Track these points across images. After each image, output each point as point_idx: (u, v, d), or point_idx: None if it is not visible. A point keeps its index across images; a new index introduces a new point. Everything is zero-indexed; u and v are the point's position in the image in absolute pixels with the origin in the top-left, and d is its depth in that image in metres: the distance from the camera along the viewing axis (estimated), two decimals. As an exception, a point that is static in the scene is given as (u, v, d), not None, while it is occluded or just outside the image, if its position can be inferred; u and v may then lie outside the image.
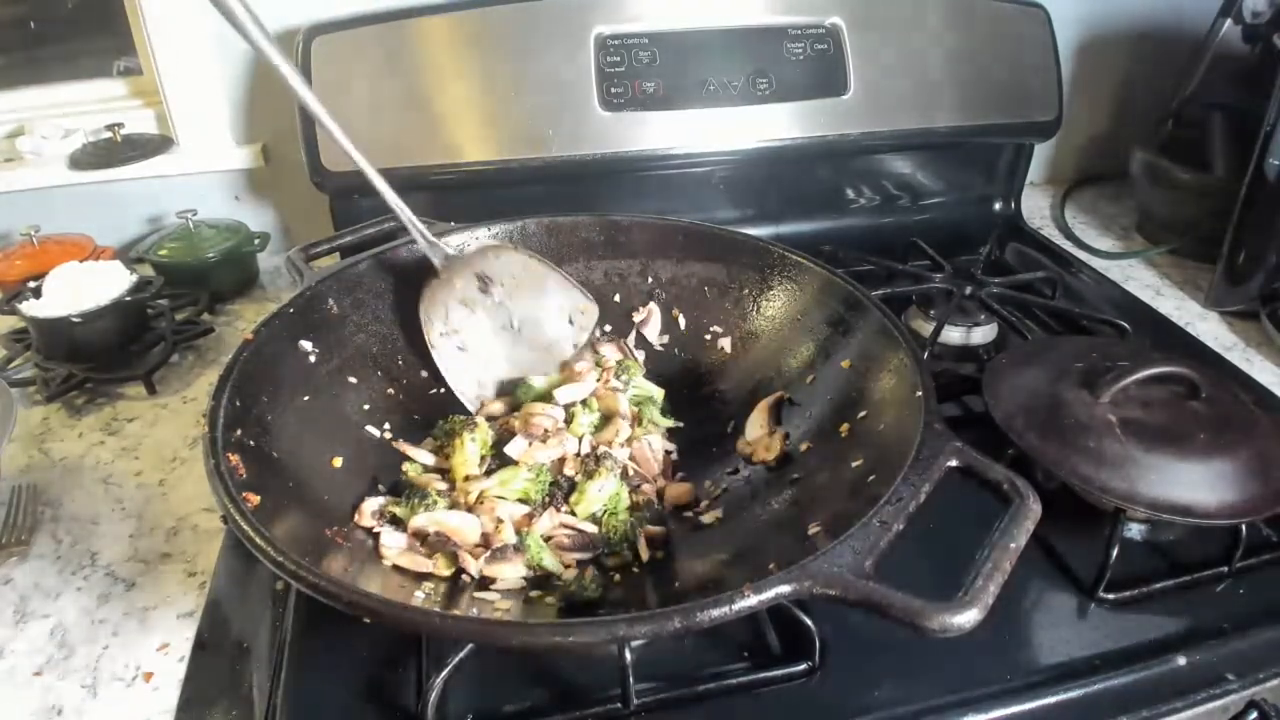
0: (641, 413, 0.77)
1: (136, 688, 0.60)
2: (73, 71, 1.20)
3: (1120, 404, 0.69)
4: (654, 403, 0.79)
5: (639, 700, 0.56)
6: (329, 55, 0.99)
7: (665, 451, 0.76)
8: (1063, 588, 0.65)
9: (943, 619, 0.45)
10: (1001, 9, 1.15)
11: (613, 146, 1.04)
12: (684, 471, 0.75)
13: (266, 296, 1.14)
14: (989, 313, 0.96)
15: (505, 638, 0.49)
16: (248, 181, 1.21)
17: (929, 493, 0.53)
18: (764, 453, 0.73)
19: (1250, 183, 1.00)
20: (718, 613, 0.46)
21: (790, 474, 0.69)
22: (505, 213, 0.86)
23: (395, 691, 0.57)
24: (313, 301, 0.73)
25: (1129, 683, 0.58)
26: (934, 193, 1.27)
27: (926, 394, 0.61)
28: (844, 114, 1.09)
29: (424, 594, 0.56)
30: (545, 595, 0.60)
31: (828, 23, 1.08)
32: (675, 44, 1.04)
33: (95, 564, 0.70)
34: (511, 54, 1.01)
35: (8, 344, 0.97)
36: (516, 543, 0.61)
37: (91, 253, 1.07)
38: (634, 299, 0.88)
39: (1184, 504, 0.63)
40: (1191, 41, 1.24)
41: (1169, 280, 1.15)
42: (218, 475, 0.53)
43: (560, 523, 0.65)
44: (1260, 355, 0.98)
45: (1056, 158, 1.44)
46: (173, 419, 0.88)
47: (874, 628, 0.48)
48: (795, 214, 1.22)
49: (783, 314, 0.82)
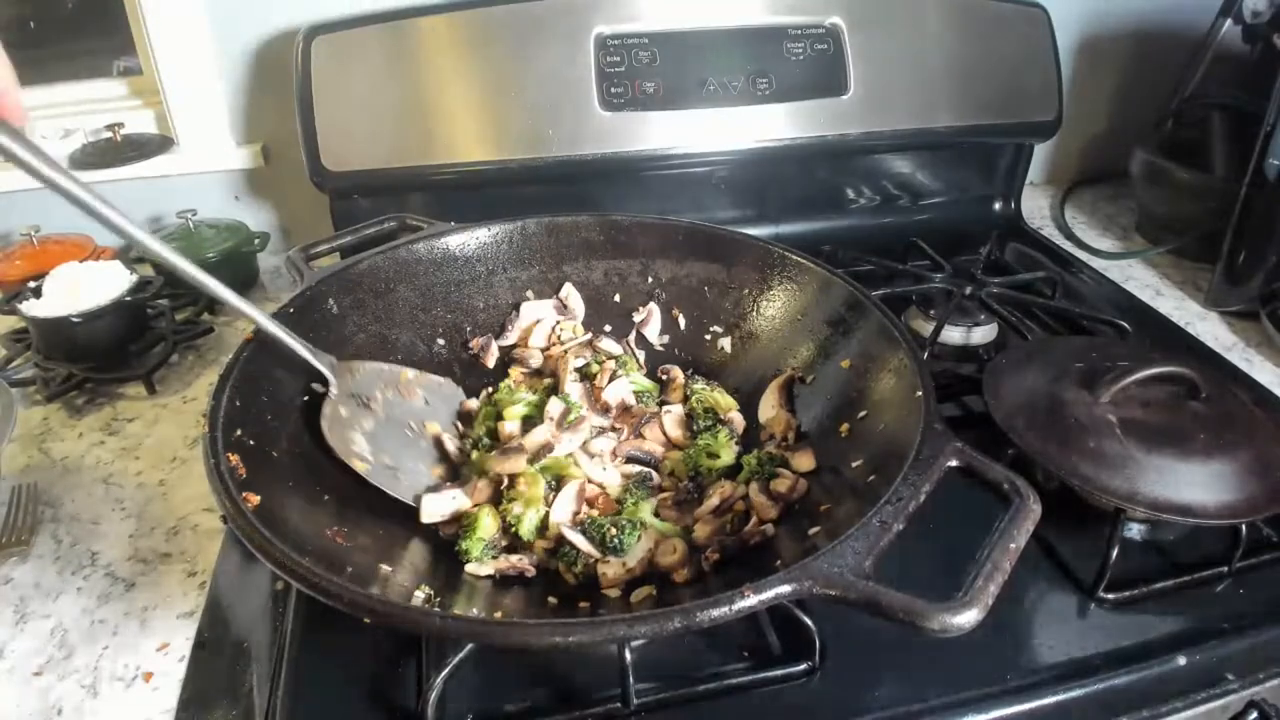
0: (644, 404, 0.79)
1: (136, 688, 0.60)
2: (73, 71, 1.20)
3: (1120, 404, 0.69)
4: (653, 396, 0.80)
5: (639, 700, 0.56)
6: (329, 55, 0.99)
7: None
8: (1063, 588, 0.65)
9: (943, 619, 0.45)
10: (1001, 9, 1.15)
11: (613, 146, 1.04)
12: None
13: (266, 296, 1.14)
14: (989, 313, 0.96)
15: (505, 638, 0.49)
16: (248, 181, 1.21)
17: (929, 493, 0.53)
18: (778, 429, 0.74)
19: (1250, 183, 1.00)
20: (718, 613, 0.46)
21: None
22: (505, 213, 0.86)
23: (395, 691, 0.57)
24: (313, 301, 0.73)
25: (1129, 683, 0.58)
26: (934, 193, 1.27)
27: (926, 394, 0.61)
28: (844, 114, 1.09)
29: (424, 594, 0.56)
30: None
31: (828, 23, 1.08)
32: (675, 44, 1.04)
33: (95, 564, 0.70)
34: (511, 54, 1.01)
35: (8, 344, 0.97)
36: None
37: (91, 253, 1.07)
38: (634, 299, 0.88)
39: (1184, 504, 0.63)
40: (1191, 41, 1.24)
41: (1169, 280, 1.15)
42: (218, 475, 0.53)
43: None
44: (1260, 355, 0.98)
45: (1056, 158, 1.44)
46: (173, 419, 0.88)
47: (874, 628, 0.47)
48: (795, 214, 1.22)
49: (783, 314, 0.82)
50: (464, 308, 0.84)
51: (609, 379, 0.78)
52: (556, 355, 0.83)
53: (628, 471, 0.72)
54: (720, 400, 0.78)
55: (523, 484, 0.67)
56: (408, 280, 0.80)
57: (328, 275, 0.76)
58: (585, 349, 0.84)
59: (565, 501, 0.67)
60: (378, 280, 0.79)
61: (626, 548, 0.63)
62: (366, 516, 0.63)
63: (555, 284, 0.87)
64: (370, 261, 0.79)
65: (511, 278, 0.86)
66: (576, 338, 0.85)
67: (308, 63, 0.99)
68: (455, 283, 0.83)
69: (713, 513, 0.68)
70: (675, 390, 0.81)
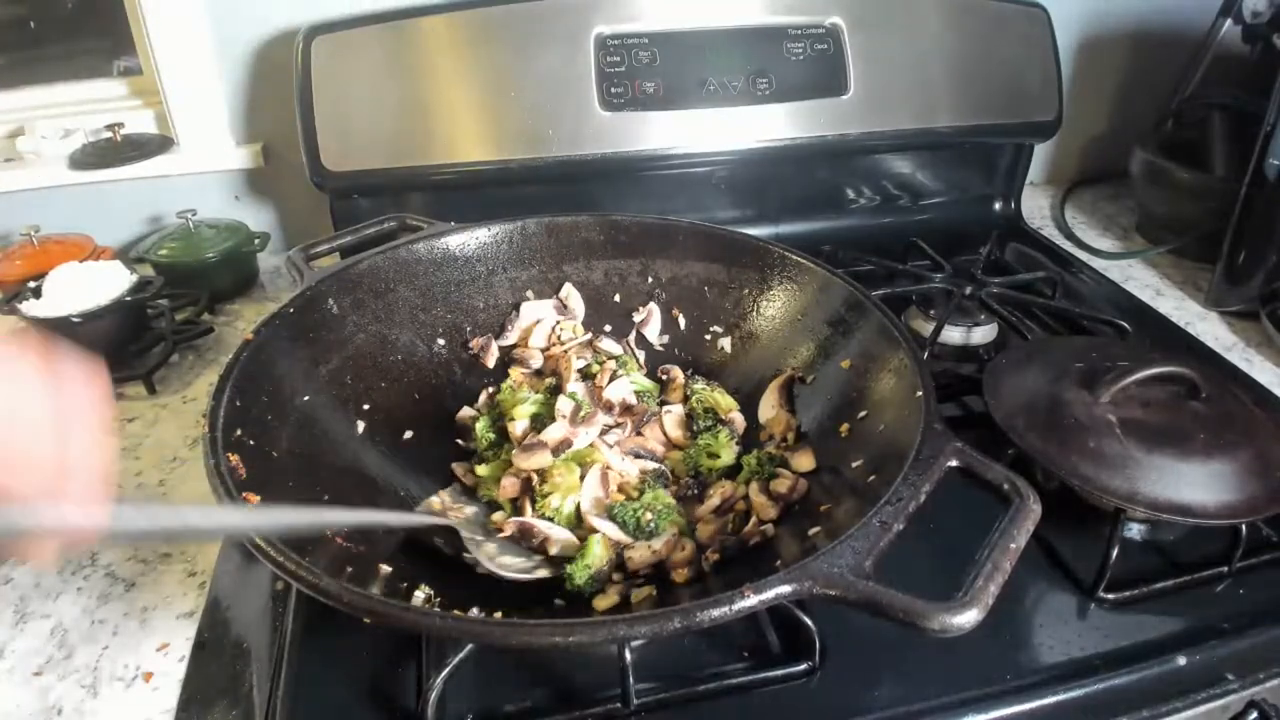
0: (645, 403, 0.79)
1: (136, 688, 0.60)
2: (73, 71, 1.20)
3: (1120, 404, 0.69)
4: (653, 395, 0.80)
5: (639, 700, 0.56)
6: (329, 55, 0.99)
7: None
8: (1063, 588, 0.65)
9: (943, 619, 0.45)
10: (1001, 9, 1.15)
11: (613, 146, 1.04)
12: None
13: (266, 296, 1.14)
14: (989, 313, 0.96)
15: (505, 638, 0.49)
16: (248, 181, 1.21)
17: (929, 493, 0.53)
18: (778, 429, 0.74)
19: (1250, 183, 1.00)
20: (718, 613, 0.46)
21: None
22: (505, 213, 0.86)
23: (395, 691, 0.57)
24: (313, 301, 0.73)
25: (1129, 683, 0.58)
26: (934, 193, 1.27)
27: (926, 394, 0.61)
28: (844, 114, 1.09)
29: (424, 594, 0.56)
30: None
31: (828, 23, 1.08)
32: (675, 44, 1.04)
33: (95, 564, 0.70)
34: (511, 54, 1.01)
35: (8, 344, 0.97)
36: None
37: (91, 253, 1.07)
38: (634, 299, 0.88)
39: (1184, 504, 0.63)
40: (1191, 41, 1.24)
41: (1169, 280, 1.15)
42: (218, 475, 0.53)
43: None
44: (1260, 355, 0.98)
45: (1056, 158, 1.44)
46: (173, 419, 0.88)
47: (874, 628, 0.47)
48: (795, 214, 1.22)
49: (783, 314, 0.82)
50: (464, 308, 0.84)
51: (609, 379, 0.78)
52: (557, 355, 0.83)
53: (644, 466, 0.72)
54: (720, 400, 0.78)
55: (556, 475, 0.67)
56: (408, 280, 0.80)
57: (328, 275, 0.76)
58: (585, 349, 0.84)
59: (591, 487, 0.67)
60: (378, 280, 0.79)
61: (661, 530, 0.64)
62: (366, 516, 0.63)
63: (555, 284, 0.87)
64: (370, 261, 0.79)
65: (511, 278, 0.86)
66: (576, 338, 0.85)
67: (308, 63, 0.99)
68: (455, 283, 0.83)
69: (714, 512, 0.68)
70: (675, 390, 0.81)
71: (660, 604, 0.60)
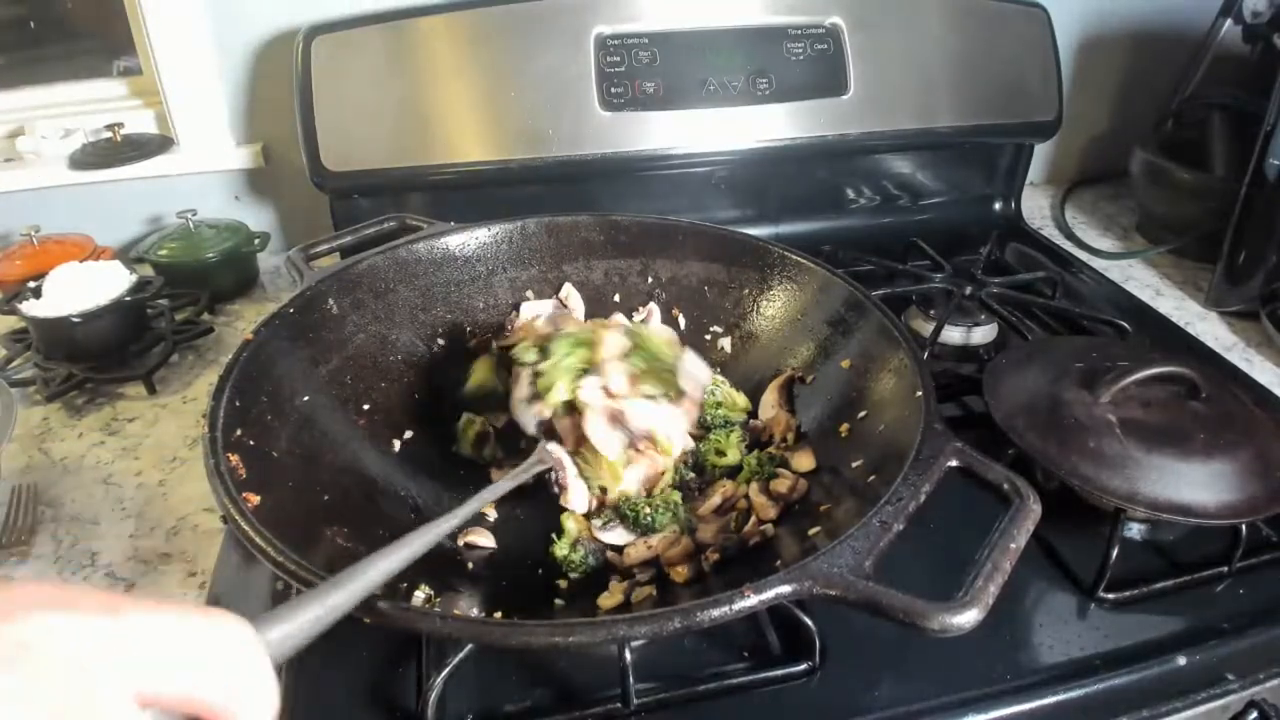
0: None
1: (136, 688, 0.60)
2: (73, 71, 1.20)
3: (1120, 404, 0.69)
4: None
5: (639, 700, 0.56)
6: (329, 55, 0.99)
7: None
8: (1063, 588, 0.65)
9: (943, 619, 0.45)
10: (1001, 9, 1.15)
11: (613, 146, 1.04)
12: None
13: (266, 296, 1.14)
14: (989, 313, 0.96)
15: (505, 638, 0.49)
16: (248, 181, 1.21)
17: (929, 493, 0.53)
18: (778, 429, 0.74)
19: (1250, 183, 1.00)
20: (718, 613, 0.46)
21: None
22: (505, 213, 0.86)
23: (395, 691, 0.57)
24: (313, 301, 0.73)
25: (1129, 683, 0.58)
26: (934, 193, 1.27)
27: (926, 394, 0.61)
28: (844, 114, 1.09)
29: (424, 594, 0.56)
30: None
31: (828, 23, 1.08)
32: (675, 44, 1.04)
33: (95, 564, 0.70)
34: (511, 54, 1.01)
35: (8, 344, 0.97)
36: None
37: (91, 253, 1.07)
38: (634, 299, 0.88)
39: (1184, 504, 0.63)
40: (1191, 41, 1.24)
41: (1169, 280, 1.15)
42: (218, 475, 0.53)
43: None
44: (1260, 355, 0.98)
45: (1056, 158, 1.44)
46: (173, 419, 0.88)
47: (874, 628, 0.48)
48: (795, 214, 1.22)
49: (783, 314, 0.82)
50: (464, 308, 0.84)
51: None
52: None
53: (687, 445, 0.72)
54: (738, 399, 0.78)
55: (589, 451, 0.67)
56: (408, 280, 0.80)
57: (328, 275, 0.76)
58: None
59: (634, 478, 0.68)
60: (378, 280, 0.79)
61: (660, 526, 0.65)
62: (366, 516, 0.63)
63: (555, 284, 0.87)
64: (370, 261, 0.79)
65: (511, 278, 0.86)
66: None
67: (308, 63, 0.99)
68: (455, 283, 0.83)
69: (715, 512, 0.68)
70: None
71: (660, 604, 0.60)
